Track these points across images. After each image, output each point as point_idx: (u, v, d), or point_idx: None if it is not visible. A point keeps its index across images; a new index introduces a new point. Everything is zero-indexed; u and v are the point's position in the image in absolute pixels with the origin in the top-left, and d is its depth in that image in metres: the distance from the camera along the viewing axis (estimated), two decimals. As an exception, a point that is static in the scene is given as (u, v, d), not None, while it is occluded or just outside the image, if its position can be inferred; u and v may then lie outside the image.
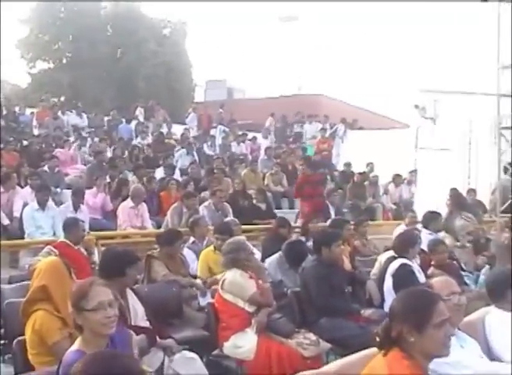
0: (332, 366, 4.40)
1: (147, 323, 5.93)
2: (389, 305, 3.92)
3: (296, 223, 13.30)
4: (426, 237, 10.19)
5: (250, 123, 28.45)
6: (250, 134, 25.18)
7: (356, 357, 4.35)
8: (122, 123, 24.28)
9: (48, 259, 6.08)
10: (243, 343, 6.64)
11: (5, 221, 11.78)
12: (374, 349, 3.81)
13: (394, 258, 8.35)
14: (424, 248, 9.22)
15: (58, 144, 18.24)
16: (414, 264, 8.34)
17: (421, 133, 19.95)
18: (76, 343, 4.22)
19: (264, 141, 24.60)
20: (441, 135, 19.37)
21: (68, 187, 14.04)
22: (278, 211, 15.04)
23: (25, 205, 11.89)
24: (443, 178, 15.92)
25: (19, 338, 5.33)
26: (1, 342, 6.78)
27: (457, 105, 19.27)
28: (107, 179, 14.53)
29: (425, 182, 17.55)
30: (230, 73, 51.57)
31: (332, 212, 14.91)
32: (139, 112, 26.49)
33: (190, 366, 5.39)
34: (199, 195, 13.42)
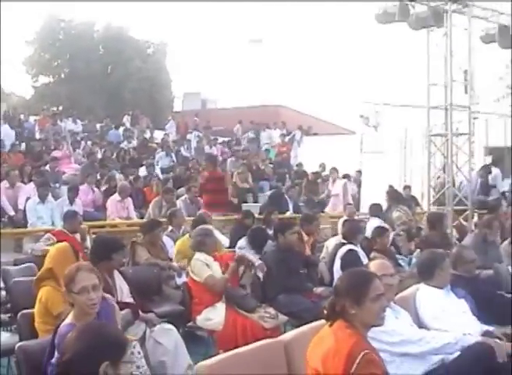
0: (288, 335, 4.43)
1: (131, 300, 5.91)
2: (334, 283, 3.95)
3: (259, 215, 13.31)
4: (373, 225, 10.34)
5: (221, 130, 28.37)
6: (220, 139, 25.30)
7: (308, 327, 4.38)
8: (112, 128, 24.13)
9: (58, 245, 6.11)
10: (213, 316, 6.66)
11: (11, 212, 11.89)
12: (323, 321, 3.83)
13: (342, 244, 8.43)
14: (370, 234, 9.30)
15: (57, 146, 18.09)
16: (359, 249, 8.42)
17: (365, 139, 20.02)
18: (69, 317, 4.24)
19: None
20: (381, 141, 19.48)
21: (65, 184, 13.92)
22: (244, 205, 15.02)
23: (28, 198, 11.85)
24: (383, 177, 16.01)
25: (24, 311, 5.34)
26: (8, 315, 6.74)
27: (395, 115, 19.41)
28: (98, 177, 14.50)
29: (368, 180, 17.63)
30: (204, 86, 51.37)
31: (290, 206, 14.96)
32: (126, 120, 26.50)
33: (168, 336, 5.38)
34: (176, 191, 13.42)
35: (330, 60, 66.51)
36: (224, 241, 10.13)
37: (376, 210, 11.57)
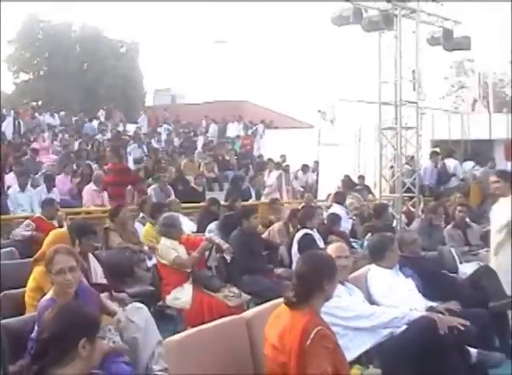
0: (250, 313, 4.44)
1: (104, 281, 5.90)
2: (295, 265, 3.97)
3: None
4: (335, 211, 10.47)
5: (189, 123, 28.22)
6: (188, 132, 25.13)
7: (268, 305, 4.38)
8: (87, 122, 23.92)
9: (56, 231, 6.41)
10: (181, 296, 6.66)
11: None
12: (281, 299, 3.85)
13: (299, 228, 8.49)
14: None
15: (36, 138, 17.97)
16: (315, 233, 8.47)
17: (322, 132, 20.09)
18: (50, 292, 4.34)
19: (200, 137, 24.56)
20: (337, 134, 19.56)
21: (43, 173, 13.78)
22: (210, 193, 14.98)
23: (9, 187, 11.77)
24: (339, 167, 16.10)
25: (6, 292, 5.37)
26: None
27: (350, 110, 19.51)
28: (74, 167, 14.36)
29: (325, 170, 17.71)
30: (174, 83, 50.98)
31: (253, 193, 15.01)
32: (100, 114, 26.26)
33: (139, 314, 5.34)
34: (147, 180, 13.33)
35: (291, 59, 66.86)
36: (191, 227, 10.12)
37: (339, 198, 11.71)
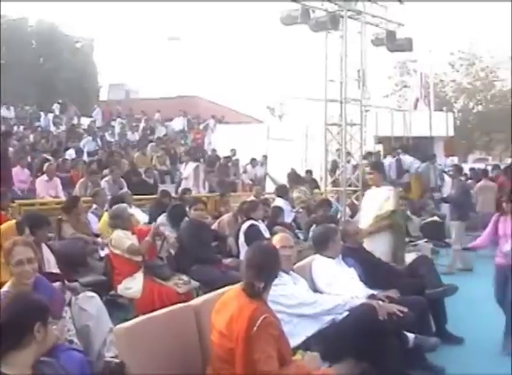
0: (198, 300, 4.44)
1: (57, 270, 5.81)
2: (244, 256, 3.97)
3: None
4: (278, 204, 10.49)
5: (142, 117, 27.99)
6: (141, 126, 25.10)
7: (216, 294, 4.39)
8: (42, 115, 23.56)
9: (8, 223, 6.39)
10: (132, 285, 6.59)
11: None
12: (228, 288, 3.87)
13: (245, 220, 8.51)
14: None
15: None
16: (261, 224, 8.51)
17: (271, 128, 20.15)
18: (7, 285, 4.29)
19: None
20: (286, 129, 19.66)
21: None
22: (162, 185, 14.87)
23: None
24: (287, 162, 16.17)
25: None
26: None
27: (297, 107, 19.64)
28: (29, 159, 14.09)
29: (274, 164, 17.76)
30: (128, 78, 50.45)
31: (207, 186, 15.03)
32: (55, 107, 25.97)
33: (91, 303, 5.28)
34: (101, 172, 13.15)
35: (242, 56, 67.03)
36: (143, 218, 10.04)
37: (281, 191, 11.71)
